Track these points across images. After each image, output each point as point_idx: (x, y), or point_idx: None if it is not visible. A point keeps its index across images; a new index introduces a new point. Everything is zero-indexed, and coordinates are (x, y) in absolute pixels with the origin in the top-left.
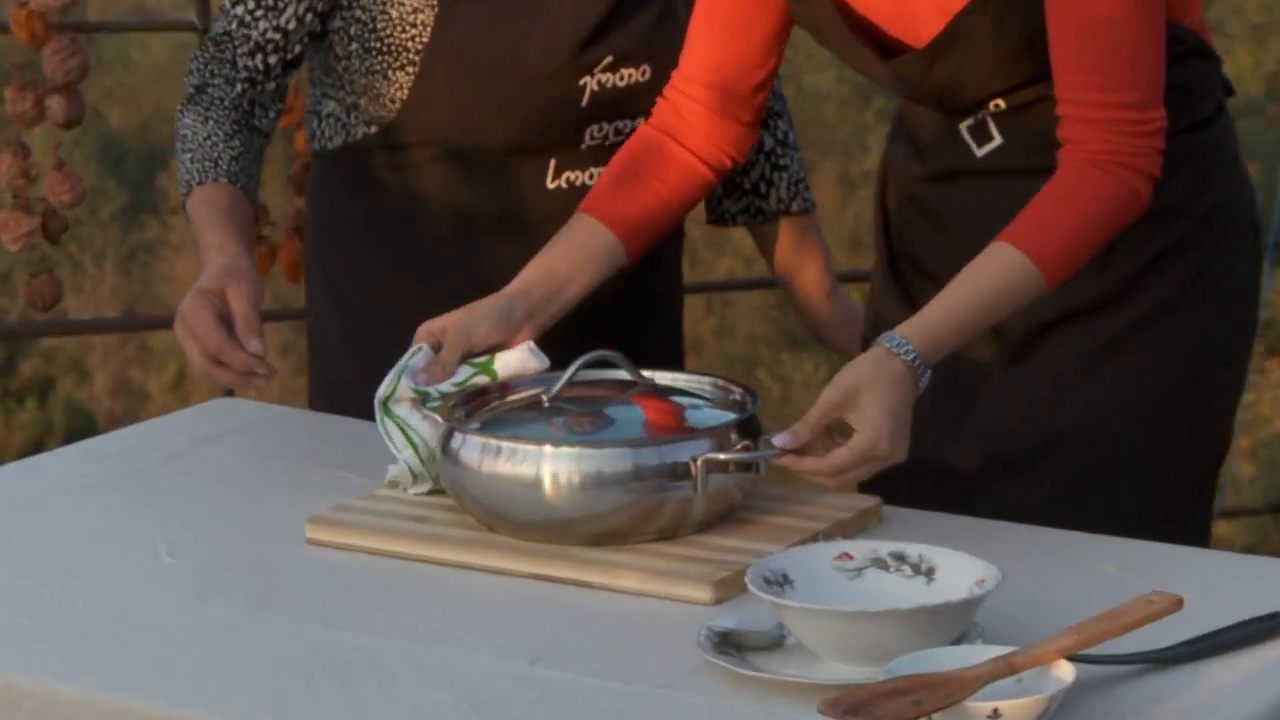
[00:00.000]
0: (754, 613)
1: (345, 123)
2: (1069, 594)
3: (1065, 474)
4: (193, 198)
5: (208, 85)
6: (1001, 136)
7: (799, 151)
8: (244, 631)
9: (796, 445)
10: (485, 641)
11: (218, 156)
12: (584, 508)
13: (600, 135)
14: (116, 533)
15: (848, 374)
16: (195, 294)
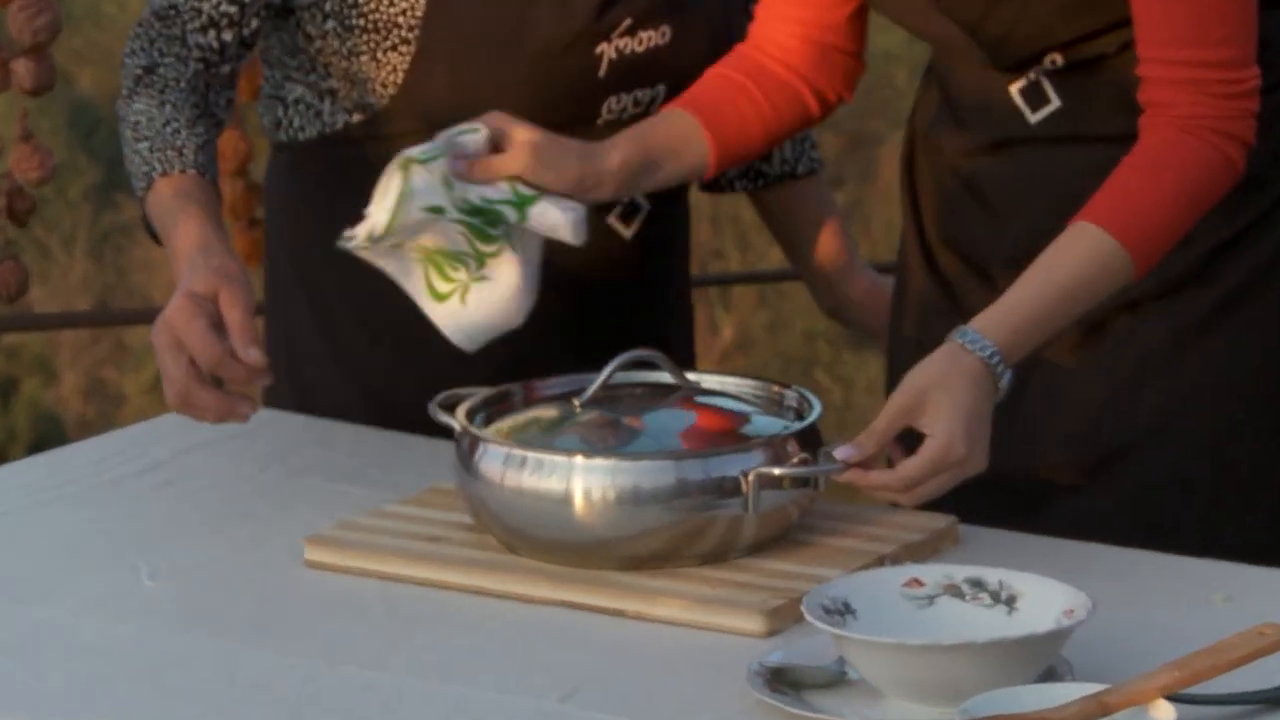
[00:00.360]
0: (811, 646)
1: (319, 110)
2: (1169, 625)
3: (1147, 477)
4: (156, 192)
5: (157, 65)
6: (1060, 99)
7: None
8: (235, 666)
9: (861, 458)
10: (508, 678)
11: (182, 145)
12: (619, 527)
13: (618, 108)
14: (90, 554)
15: (917, 374)
16: (184, 298)
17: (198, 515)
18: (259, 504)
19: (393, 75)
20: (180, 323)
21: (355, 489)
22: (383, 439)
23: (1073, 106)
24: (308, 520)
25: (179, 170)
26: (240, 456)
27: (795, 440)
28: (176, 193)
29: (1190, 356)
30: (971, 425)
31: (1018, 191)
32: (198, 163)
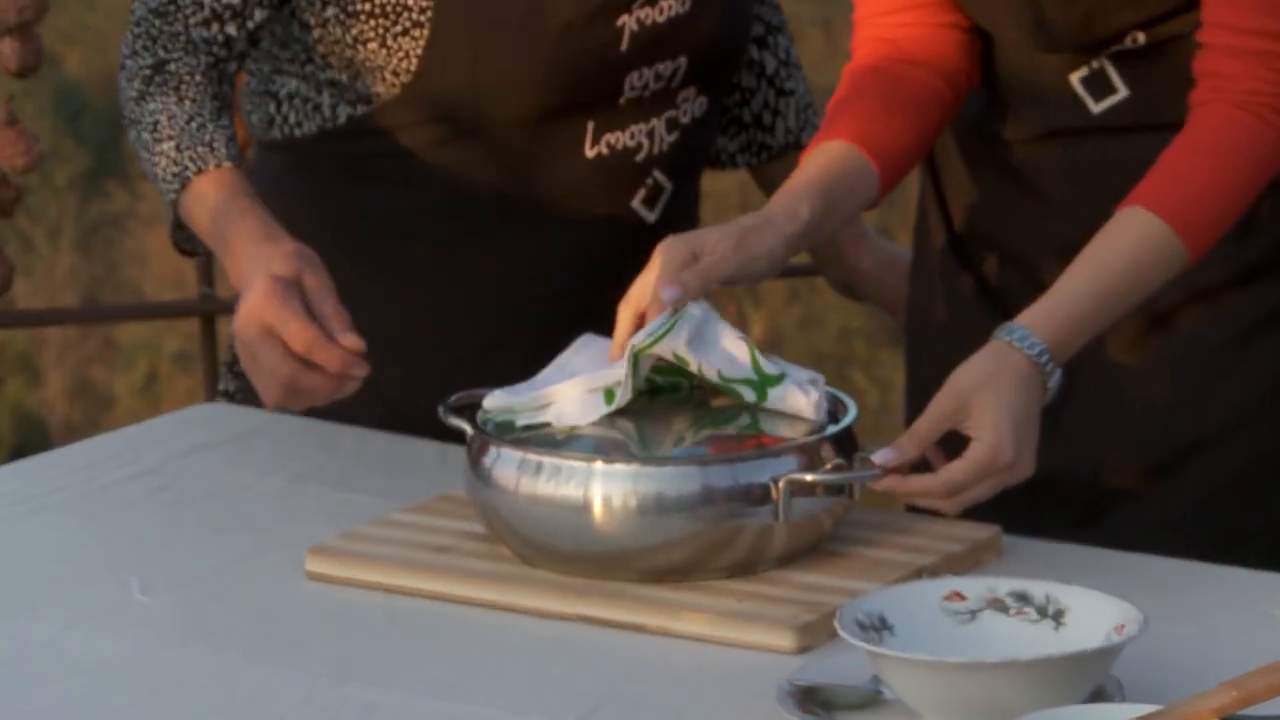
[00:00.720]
0: (845, 663)
1: (317, 103)
2: (1226, 641)
3: (1217, 481)
4: (193, 192)
5: (167, 62)
6: (1127, 88)
7: (803, 72)
8: (232, 683)
9: (901, 462)
10: (522, 698)
11: (211, 139)
12: (641, 537)
13: (640, 85)
14: (79, 566)
15: (962, 374)
16: (269, 282)
17: (193, 524)
18: (258, 512)
19: (405, 62)
20: (271, 308)
21: (360, 496)
22: (389, 443)
23: (1142, 94)
24: (309, 529)
25: (214, 165)
26: (238, 462)
27: (829, 445)
28: (221, 188)
29: (1265, 350)
30: (1019, 428)
31: (1076, 182)
32: (230, 155)
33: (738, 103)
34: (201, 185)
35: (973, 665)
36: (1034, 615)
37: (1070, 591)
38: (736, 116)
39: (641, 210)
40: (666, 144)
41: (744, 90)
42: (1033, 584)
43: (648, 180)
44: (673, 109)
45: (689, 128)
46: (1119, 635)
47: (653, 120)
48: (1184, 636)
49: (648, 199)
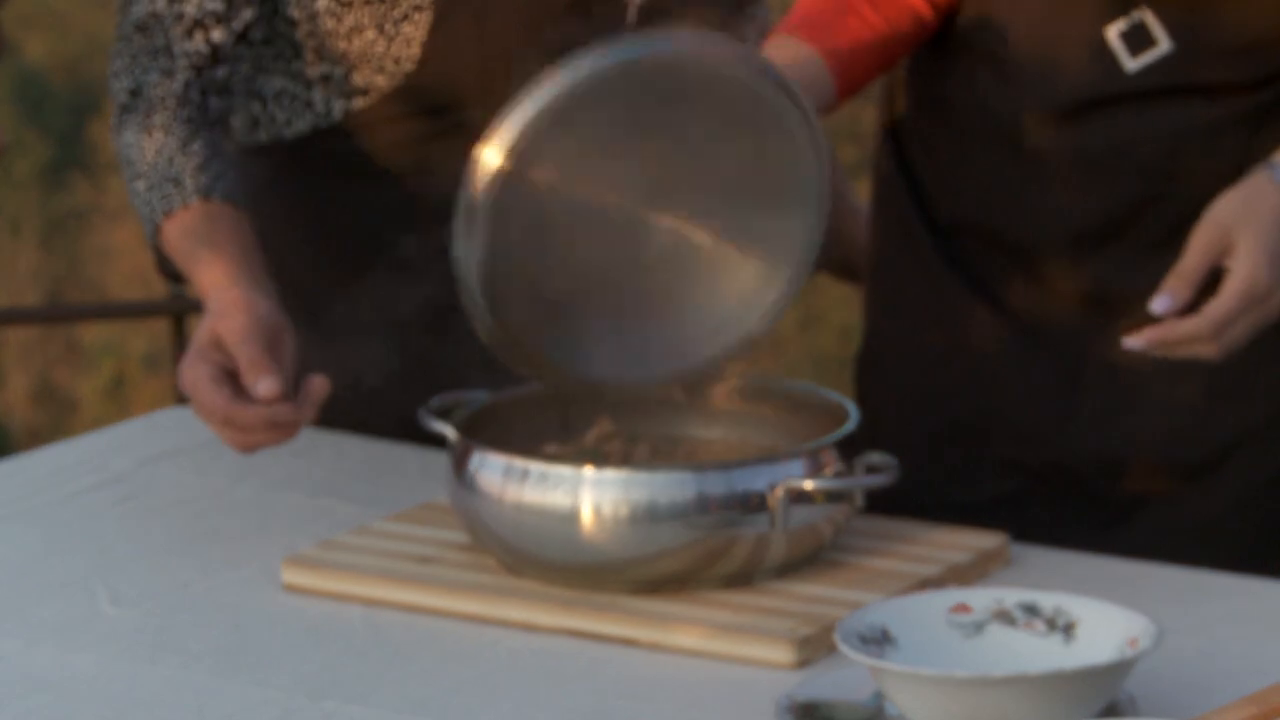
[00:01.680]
0: (846, 678)
1: (309, 100)
2: (1243, 655)
3: (1252, 482)
4: (165, 238)
5: (142, 86)
6: (1173, 39)
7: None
8: (205, 700)
9: (1180, 305)
10: (509, 714)
11: (178, 175)
12: (633, 547)
13: None
14: (44, 578)
15: (1220, 209)
16: (189, 355)
17: (164, 534)
18: (232, 521)
19: (408, 49)
20: (188, 384)
21: (338, 504)
22: (369, 449)
23: (1185, 48)
24: (286, 539)
25: (180, 204)
26: (211, 469)
27: (829, 450)
28: (184, 234)
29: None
30: (1277, 261)
31: (1091, 165)
32: (199, 187)
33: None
34: (169, 230)
35: (979, 680)
36: (1043, 628)
37: (1081, 603)
38: None
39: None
40: None
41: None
42: (1042, 595)
43: None
44: None
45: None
46: (1132, 649)
47: None
48: (1199, 650)
49: None
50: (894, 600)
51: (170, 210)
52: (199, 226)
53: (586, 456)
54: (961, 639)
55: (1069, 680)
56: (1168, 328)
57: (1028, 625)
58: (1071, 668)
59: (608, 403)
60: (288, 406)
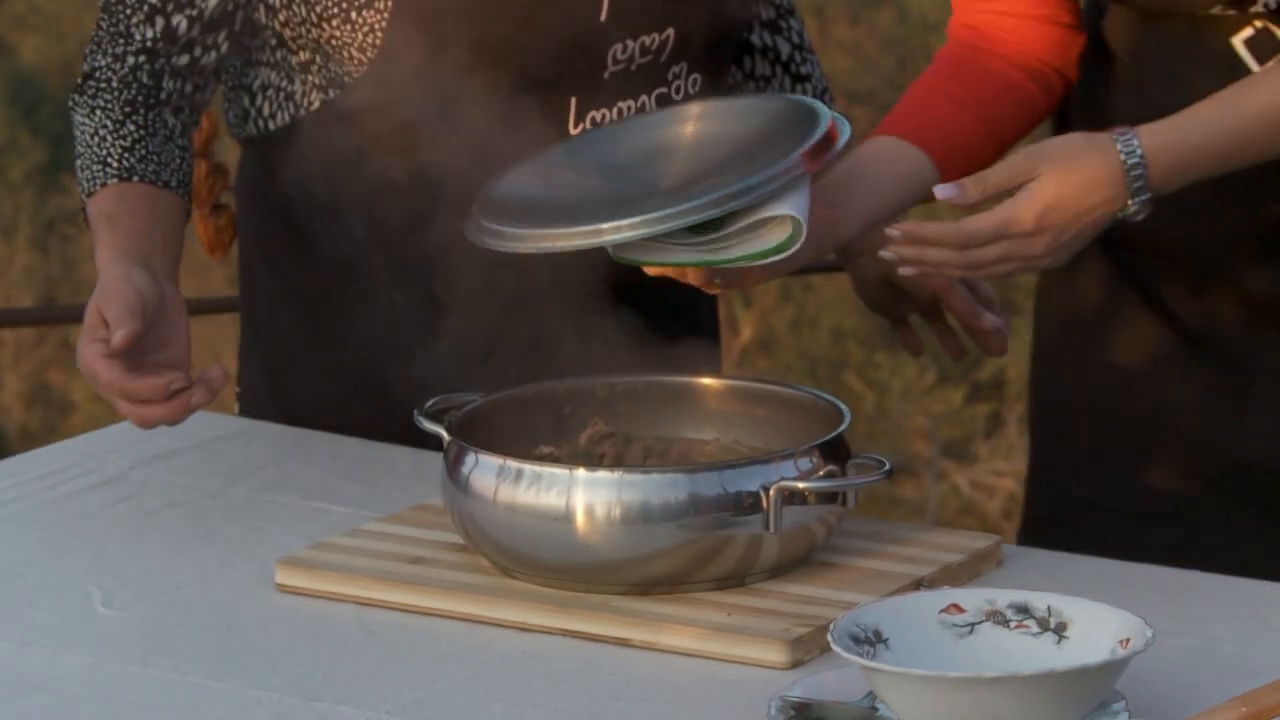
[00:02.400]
0: (839, 679)
1: (289, 92)
2: (1235, 655)
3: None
4: (87, 218)
5: (95, 70)
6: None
7: (815, 55)
8: (199, 701)
9: (961, 201)
10: (502, 715)
11: (105, 155)
12: (626, 548)
13: (624, 58)
14: (38, 579)
15: (1052, 143)
16: (81, 336)
17: (157, 535)
18: (225, 522)
19: (370, 37)
20: (81, 361)
21: (332, 505)
22: (362, 450)
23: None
24: (279, 540)
25: (100, 184)
26: (205, 470)
27: (821, 451)
28: (96, 214)
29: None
30: (1059, 211)
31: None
32: (123, 168)
33: (753, 91)
34: (90, 208)
35: (971, 680)
36: (1035, 628)
37: (1073, 603)
38: None
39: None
40: None
41: (759, 79)
42: (1034, 595)
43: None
44: (663, 85)
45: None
46: (1123, 649)
47: (641, 96)
48: (1191, 650)
49: None
50: (886, 601)
51: (92, 190)
52: (108, 206)
53: (580, 458)
54: (954, 639)
55: (1060, 680)
56: (918, 227)
57: (1020, 626)
58: (1063, 668)
59: (601, 404)
60: (179, 374)
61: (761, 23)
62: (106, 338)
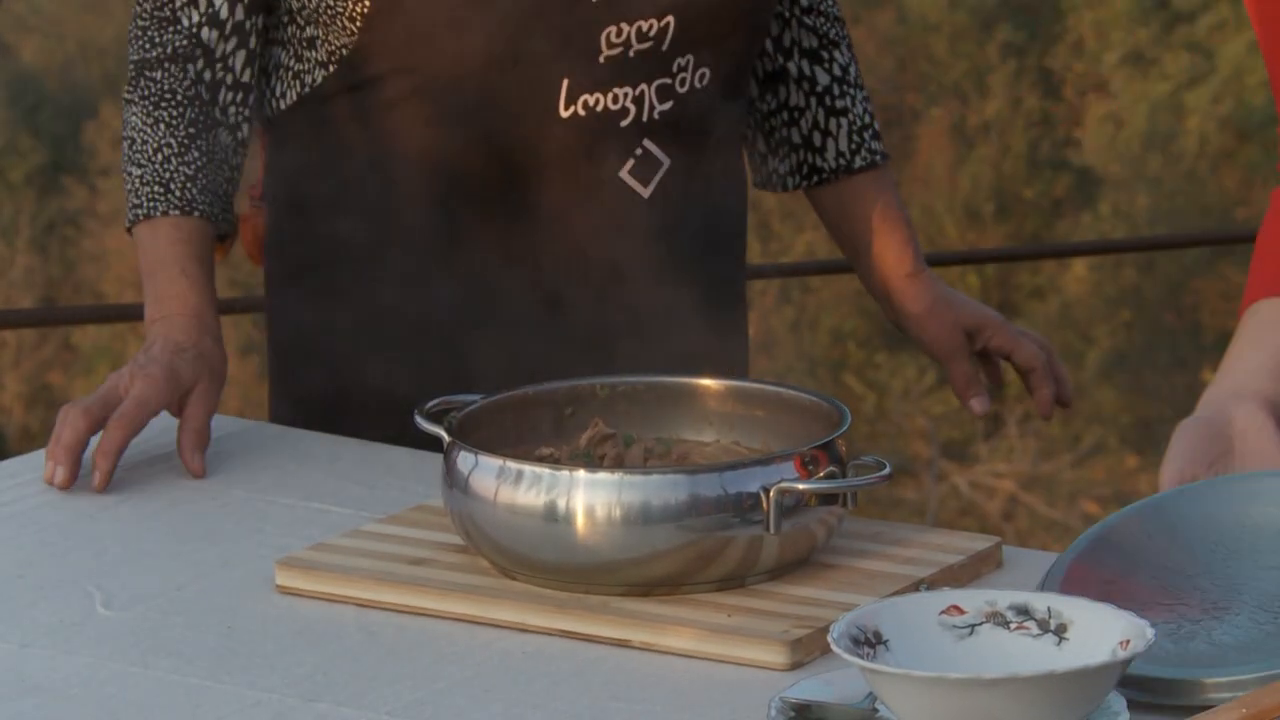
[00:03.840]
0: (839, 680)
1: (297, 71)
2: None
3: None
4: (138, 233)
5: (149, 65)
6: None
7: (865, 91)
8: (199, 702)
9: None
10: (502, 715)
11: (168, 179)
12: (626, 549)
13: (620, 42)
14: (38, 580)
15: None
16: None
17: (157, 536)
18: (225, 523)
19: (358, 6)
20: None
21: (331, 506)
22: (363, 451)
23: None
24: (279, 541)
25: (161, 212)
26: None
27: (822, 453)
28: (152, 244)
29: None
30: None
31: None
32: (185, 199)
33: (786, 122)
34: (141, 232)
35: (971, 681)
36: (1035, 629)
37: (1073, 604)
38: (786, 137)
39: (632, 183)
40: (658, 113)
41: (792, 109)
42: (1034, 596)
43: (636, 150)
44: (666, 76)
45: (688, 99)
46: (1124, 650)
47: (641, 85)
48: None
49: (638, 171)
50: (886, 602)
51: (151, 214)
52: (170, 243)
53: (580, 459)
54: (954, 640)
55: (1061, 681)
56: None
57: (1020, 627)
58: (1063, 669)
59: (601, 405)
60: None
61: (802, 51)
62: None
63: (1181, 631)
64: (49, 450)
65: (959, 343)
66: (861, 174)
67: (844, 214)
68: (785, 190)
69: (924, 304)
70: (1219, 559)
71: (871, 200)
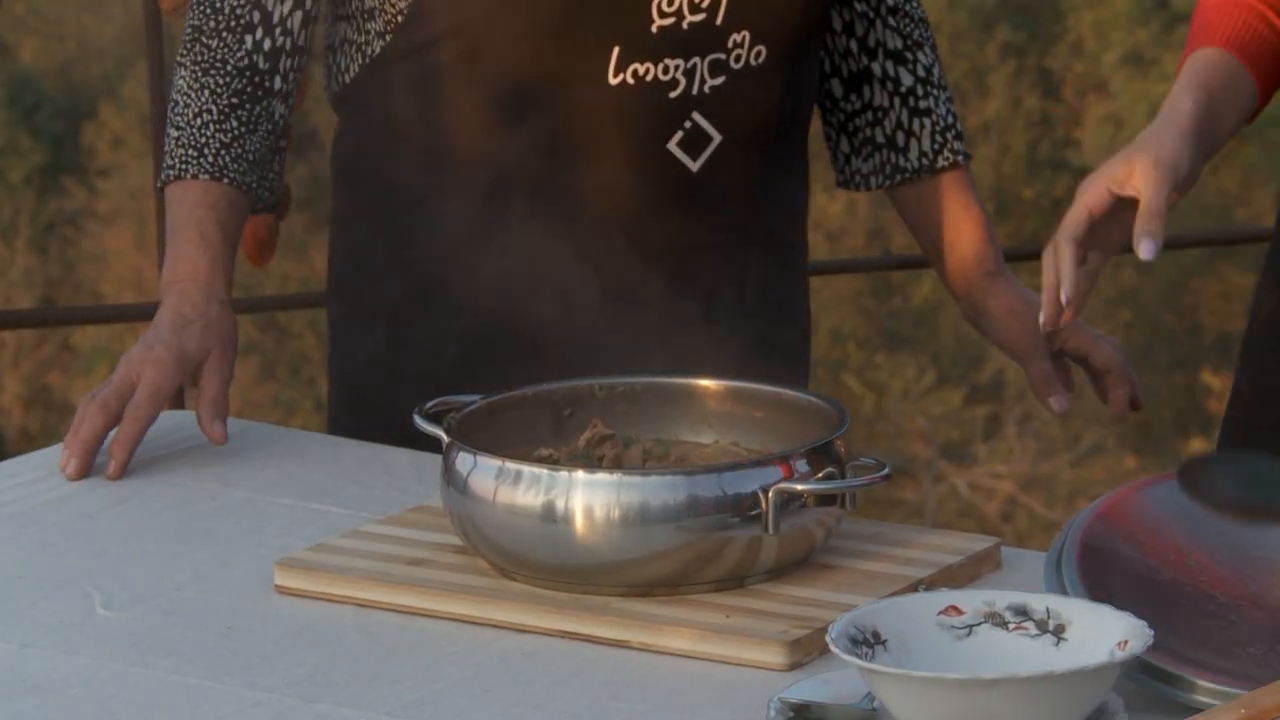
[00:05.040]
0: (837, 681)
1: (359, 44)
2: None
3: None
4: (169, 193)
5: (205, 32)
6: None
7: (948, 91)
8: (198, 703)
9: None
10: (501, 715)
11: (203, 144)
12: (624, 549)
13: (672, 12)
14: (37, 580)
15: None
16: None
17: (156, 537)
18: (225, 524)
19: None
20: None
21: (331, 507)
22: (362, 451)
23: None
24: (278, 542)
25: (191, 175)
26: (204, 472)
27: (820, 454)
28: (181, 200)
29: None
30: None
31: None
32: (217, 165)
33: (870, 122)
34: (171, 192)
35: (969, 682)
36: (1034, 630)
37: (1072, 605)
38: (869, 137)
39: (681, 155)
40: (709, 87)
41: (876, 109)
42: (1032, 597)
43: (685, 123)
44: (720, 51)
45: (742, 76)
46: (1122, 651)
47: (694, 58)
48: None
49: (687, 144)
50: (885, 602)
51: (183, 175)
52: (195, 206)
53: (579, 459)
54: (952, 641)
55: (1059, 682)
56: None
57: (1018, 627)
58: (1061, 669)
59: (600, 405)
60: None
61: (886, 52)
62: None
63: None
64: (66, 441)
65: (1038, 342)
66: (943, 173)
67: (925, 213)
68: (868, 189)
69: (1006, 303)
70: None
71: (953, 199)
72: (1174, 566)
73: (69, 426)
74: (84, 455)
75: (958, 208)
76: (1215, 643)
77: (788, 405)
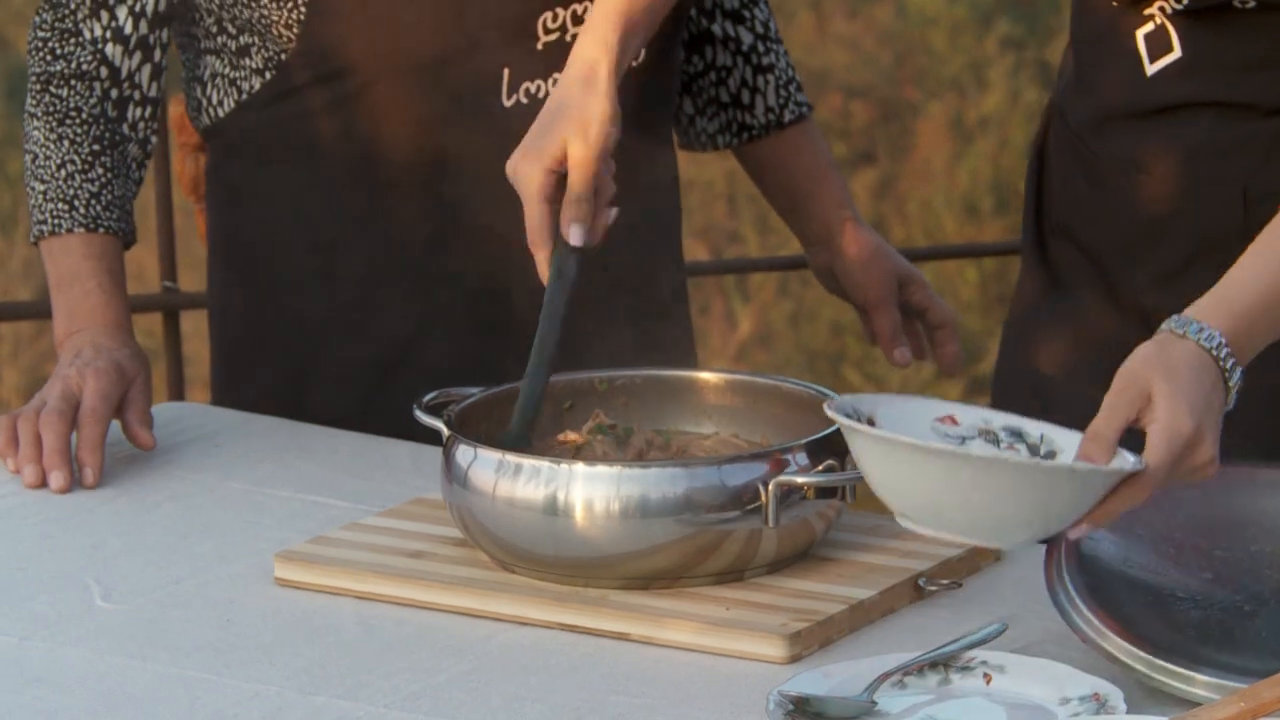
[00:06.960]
0: (837, 673)
1: (234, 79)
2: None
3: None
4: (46, 248)
5: (53, 80)
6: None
7: (783, 45)
8: (196, 695)
9: (1091, 530)
10: (501, 708)
11: (72, 196)
12: (624, 542)
13: (556, 26)
14: (36, 573)
15: (1134, 363)
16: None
17: (155, 529)
18: (223, 516)
19: (294, 12)
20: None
21: (330, 500)
22: (360, 444)
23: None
24: (277, 534)
25: (66, 229)
26: (202, 464)
27: (820, 446)
28: (60, 258)
29: None
30: (1200, 411)
31: (1131, 169)
32: (89, 216)
33: (714, 82)
34: (49, 247)
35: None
36: (1025, 452)
37: (1066, 435)
38: (714, 96)
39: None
40: None
41: (719, 69)
42: (1028, 422)
43: None
44: None
45: (624, 78)
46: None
47: None
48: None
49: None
50: (887, 395)
51: (56, 230)
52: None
53: (579, 452)
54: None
55: (1044, 475)
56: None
57: (1010, 447)
58: (1049, 464)
59: (600, 398)
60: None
61: (724, 12)
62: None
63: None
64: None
65: (890, 291)
66: (791, 127)
67: (777, 167)
68: (715, 149)
69: (865, 250)
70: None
71: (805, 150)
72: (1171, 561)
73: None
74: (64, 465)
75: (811, 157)
76: (1215, 637)
77: (788, 398)
